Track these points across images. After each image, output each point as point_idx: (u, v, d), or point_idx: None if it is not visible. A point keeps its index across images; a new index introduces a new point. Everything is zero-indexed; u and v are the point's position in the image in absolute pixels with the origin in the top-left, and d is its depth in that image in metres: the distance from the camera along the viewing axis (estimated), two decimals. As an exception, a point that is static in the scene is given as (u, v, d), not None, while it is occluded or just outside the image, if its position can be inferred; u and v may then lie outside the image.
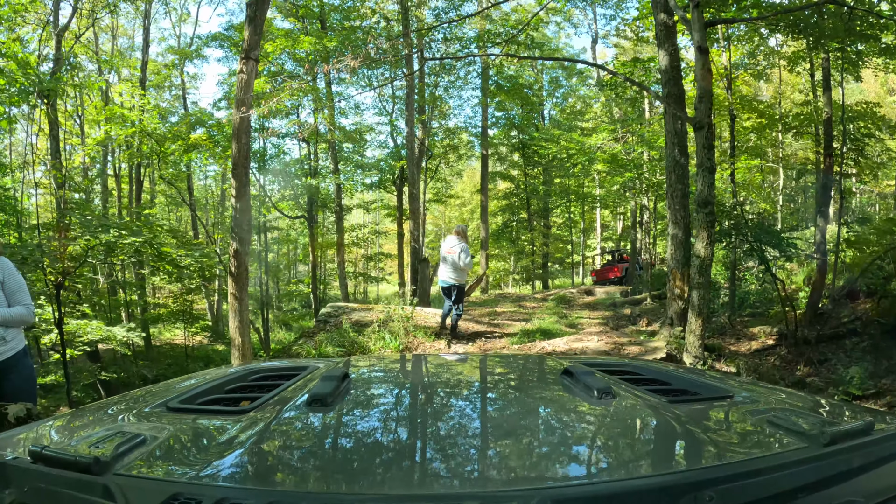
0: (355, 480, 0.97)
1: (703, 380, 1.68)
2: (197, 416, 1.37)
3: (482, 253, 26.35)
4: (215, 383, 1.67)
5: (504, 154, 32.30)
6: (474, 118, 28.28)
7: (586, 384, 1.42)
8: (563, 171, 25.21)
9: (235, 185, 12.42)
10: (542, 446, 1.17)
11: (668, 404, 1.36)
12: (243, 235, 12.40)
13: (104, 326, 11.10)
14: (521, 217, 31.68)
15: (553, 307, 16.19)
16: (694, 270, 6.80)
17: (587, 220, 35.86)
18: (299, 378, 1.68)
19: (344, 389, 1.47)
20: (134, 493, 0.91)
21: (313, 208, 21.32)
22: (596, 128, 20.16)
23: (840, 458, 0.99)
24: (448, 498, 0.91)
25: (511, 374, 2.01)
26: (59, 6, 17.43)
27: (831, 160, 11.43)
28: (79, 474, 0.91)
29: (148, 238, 9.57)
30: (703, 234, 6.63)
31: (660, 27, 8.10)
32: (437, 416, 1.40)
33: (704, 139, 6.63)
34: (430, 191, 30.25)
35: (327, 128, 20.27)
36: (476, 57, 19.11)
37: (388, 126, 24.16)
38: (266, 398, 1.41)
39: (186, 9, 25.80)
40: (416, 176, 19.83)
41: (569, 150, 18.01)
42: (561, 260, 35.38)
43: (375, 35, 9.33)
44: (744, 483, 0.90)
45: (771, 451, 1.09)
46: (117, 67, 23.61)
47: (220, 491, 0.89)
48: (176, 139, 14.90)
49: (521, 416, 1.38)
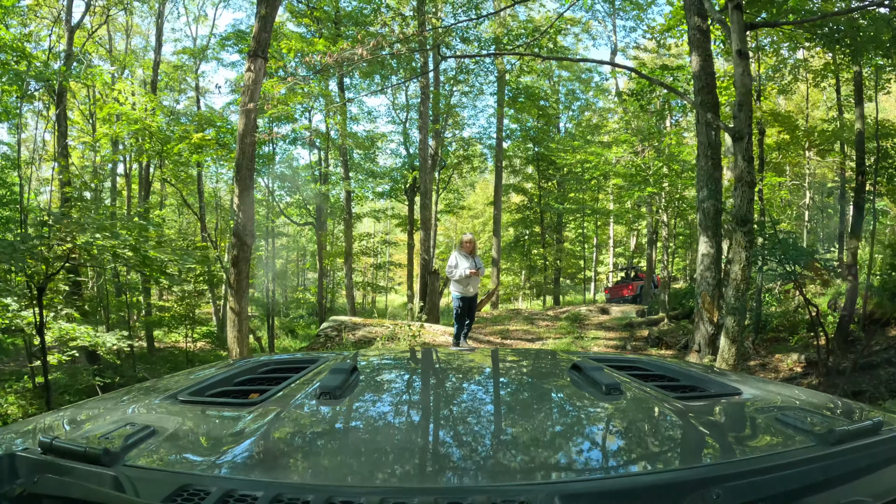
0: (363, 473, 0.97)
1: (712, 376, 1.68)
2: (206, 407, 1.37)
3: (493, 268, 25.79)
4: (224, 375, 1.67)
5: (518, 167, 31.97)
6: (489, 129, 27.90)
7: (595, 380, 1.44)
8: (578, 184, 24.74)
9: (238, 189, 11.95)
10: (550, 441, 1.16)
11: (676, 400, 1.36)
12: (245, 241, 11.92)
13: (92, 332, 10.54)
14: (533, 231, 31.25)
15: (567, 326, 15.61)
16: (729, 293, 6.21)
17: (600, 236, 35.28)
18: (308, 371, 1.67)
19: (353, 382, 1.49)
20: (143, 483, 0.90)
21: (322, 215, 20.84)
22: (614, 141, 19.66)
23: (848, 458, 0.98)
24: (456, 492, 0.88)
25: (520, 368, 1.98)
26: (72, 3, 17.29)
27: (863, 178, 10.85)
28: (88, 465, 0.91)
29: (128, 241, 8.99)
30: (740, 255, 6.04)
31: (693, 31, 7.57)
32: (446, 409, 1.40)
33: (744, 150, 6.05)
34: (442, 201, 30.00)
35: (339, 133, 19.82)
36: (493, 56, 18.46)
37: (402, 135, 23.89)
38: (275, 390, 1.42)
39: (203, 10, 25.57)
40: (429, 185, 19.31)
41: (586, 162, 17.47)
42: (573, 275, 34.75)
43: (390, 29, 8.77)
44: (751, 481, 0.89)
45: (779, 449, 1.07)
46: (131, 67, 23.50)
47: (229, 482, 0.89)
48: (182, 139, 14.49)
49: (529, 410, 1.38)
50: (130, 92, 15.68)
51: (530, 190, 30.93)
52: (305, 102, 17.66)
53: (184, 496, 0.86)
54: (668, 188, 15.27)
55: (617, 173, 17.07)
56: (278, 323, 25.73)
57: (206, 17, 25.95)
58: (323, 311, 21.46)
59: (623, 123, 22.04)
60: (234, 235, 12.04)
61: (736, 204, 6.05)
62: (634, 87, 11.92)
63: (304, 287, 32.99)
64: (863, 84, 10.77)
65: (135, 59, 23.97)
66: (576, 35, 27.29)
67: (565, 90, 30.55)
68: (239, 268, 11.83)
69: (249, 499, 0.84)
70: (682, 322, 15.23)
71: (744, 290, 6.17)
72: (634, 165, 16.14)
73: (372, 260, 31.66)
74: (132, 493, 0.89)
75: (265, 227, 24.03)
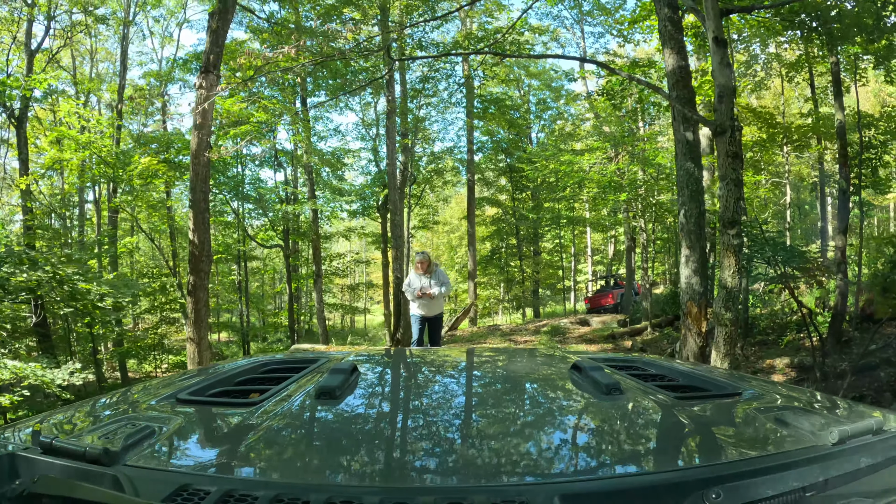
0: (363, 473, 0.98)
1: (712, 377, 1.67)
2: (206, 407, 1.36)
3: (470, 282, 25.23)
4: (224, 376, 1.64)
5: (491, 179, 31.66)
6: (459, 143, 27.46)
7: (595, 380, 1.42)
8: (553, 192, 24.40)
9: (192, 213, 11.26)
10: (550, 441, 1.16)
11: (676, 401, 1.35)
12: (202, 268, 11.22)
13: (39, 370, 9.70)
14: (510, 243, 30.78)
15: (546, 341, 15.11)
16: (719, 303, 5.63)
17: (578, 245, 34.99)
18: (308, 371, 1.65)
19: (352, 382, 1.48)
20: (143, 483, 0.90)
21: (289, 237, 20.09)
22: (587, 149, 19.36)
23: (849, 457, 0.97)
24: (456, 491, 0.88)
25: (521, 368, 1.94)
26: (31, 27, 16.92)
27: (847, 170, 10.46)
28: (88, 465, 0.91)
29: (54, 274, 8.23)
30: (729, 260, 5.46)
31: (664, 23, 7.02)
32: (446, 410, 1.39)
33: (728, 145, 5.50)
34: (415, 217, 29.53)
35: (303, 150, 19.15)
36: (449, 55, 17.77)
37: (371, 152, 23.36)
38: (275, 390, 1.40)
39: (169, 31, 24.75)
40: (399, 202, 18.67)
41: (558, 171, 17.02)
42: (552, 286, 34.32)
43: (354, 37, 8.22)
44: (752, 481, 0.89)
45: (779, 449, 1.08)
46: (96, 91, 23.04)
47: (229, 482, 0.89)
48: (130, 164, 13.74)
49: (530, 410, 1.40)
50: (75, 114, 14.91)
51: (504, 202, 30.52)
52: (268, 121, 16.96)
53: (184, 496, 0.84)
54: (643, 193, 14.81)
55: (591, 180, 16.63)
56: (255, 348, 25.07)
57: (173, 38, 25.11)
58: (295, 336, 20.67)
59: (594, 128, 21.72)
60: (190, 262, 11.39)
61: (722, 205, 5.48)
62: (604, 85, 11.40)
63: (281, 310, 32.20)
64: (840, 74, 10.41)
65: (100, 83, 23.44)
66: (544, 44, 27.02)
67: (536, 99, 30.20)
68: (196, 296, 11.13)
69: (249, 499, 0.83)
70: (665, 330, 14.78)
71: (736, 299, 5.60)
72: (609, 172, 15.71)
73: (348, 280, 30.81)
74: (132, 493, 0.87)
75: (237, 251, 23.43)
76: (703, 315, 6.58)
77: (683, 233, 6.64)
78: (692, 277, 6.56)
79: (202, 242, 11.04)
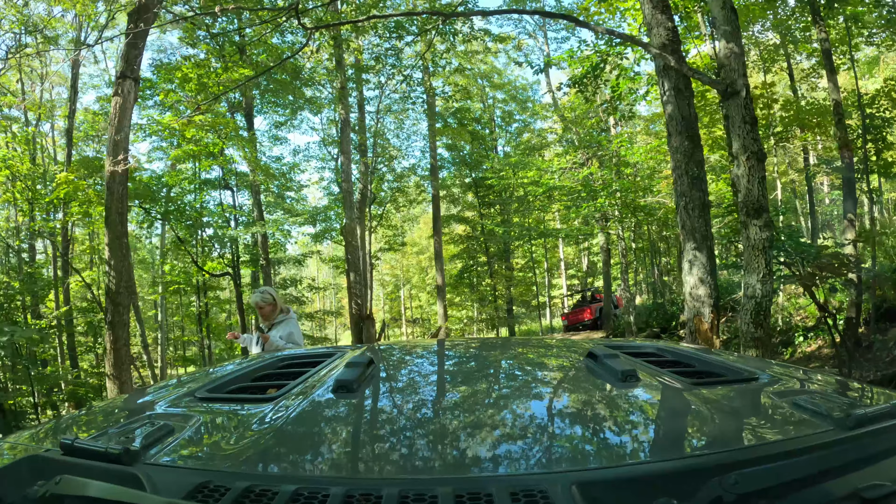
0: (382, 465, 0.97)
1: (728, 362, 1.61)
2: (224, 404, 1.35)
3: (440, 302, 23.82)
4: (243, 372, 1.62)
5: (457, 195, 30.79)
6: (423, 161, 26.35)
7: (611, 367, 1.38)
8: (522, 206, 23.27)
9: (108, 237, 9.84)
10: (567, 430, 1.13)
11: (692, 386, 1.32)
12: (119, 301, 9.70)
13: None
14: (480, 260, 29.55)
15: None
16: (746, 317, 4.27)
17: (550, 259, 33.98)
18: (325, 365, 1.60)
19: (370, 375, 1.43)
20: (164, 481, 0.89)
21: (237, 263, 18.45)
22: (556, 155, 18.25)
23: (867, 441, 0.94)
24: (475, 481, 0.87)
25: (536, 357, 1.85)
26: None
27: (850, 153, 9.37)
28: (109, 465, 0.91)
29: None
30: (757, 261, 4.09)
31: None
32: (463, 400, 1.35)
33: (743, 110, 4.19)
34: (381, 239, 28.24)
35: (250, 168, 17.63)
36: (398, 17, 15.97)
37: (333, 172, 22.05)
38: (292, 385, 1.37)
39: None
40: (355, 222, 17.19)
41: (524, 178, 15.84)
42: (527, 303, 33.14)
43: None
44: (769, 466, 0.87)
45: (797, 434, 1.05)
46: (46, 116, 21.82)
47: (249, 478, 0.88)
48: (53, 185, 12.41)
49: (546, 399, 1.35)
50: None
51: (472, 218, 29.36)
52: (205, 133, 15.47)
53: (204, 492, 0.84)
54: (620, 196, 13.57)
55: (561, 188, 15.44)
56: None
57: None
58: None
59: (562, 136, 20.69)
60: (106, 294, 9.93)
61: (743, 188, 4.14)
62: (574, 74, 10.15)
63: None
64: (830, 50, 9.39)
65: (54, 108, 22.26)
66: (507, 53, 26.25)
67: (501, 112, 29.31)
68: (115, 332, 9.69)
69: (269, 493, 0.82)
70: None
71: (768, 313, 4.25)
72: (580, 177, 14.52)
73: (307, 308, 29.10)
74: (153, 491, 0.86)
75: (195, 281, 21.87)
76: (716, 331, 5.24)
77: (685, 231, 5.31)
78: (699, 287, 5.21)
79: (119, 272, 9.56)
